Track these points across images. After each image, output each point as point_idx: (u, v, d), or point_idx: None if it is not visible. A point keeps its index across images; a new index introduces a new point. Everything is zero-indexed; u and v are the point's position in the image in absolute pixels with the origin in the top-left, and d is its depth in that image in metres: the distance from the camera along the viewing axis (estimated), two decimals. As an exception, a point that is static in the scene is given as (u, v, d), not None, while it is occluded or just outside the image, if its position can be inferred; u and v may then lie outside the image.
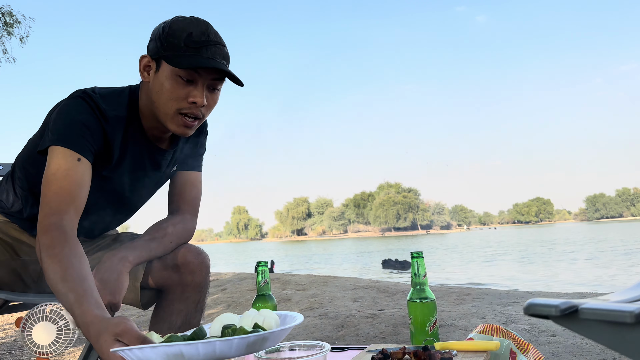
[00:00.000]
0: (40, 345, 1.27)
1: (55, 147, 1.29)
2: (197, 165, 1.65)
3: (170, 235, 1.52)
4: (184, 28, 1.31)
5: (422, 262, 1.44)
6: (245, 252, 52.78)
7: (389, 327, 3.04)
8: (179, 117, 1.35)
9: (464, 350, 1.26)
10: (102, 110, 1.38)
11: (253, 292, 5.11)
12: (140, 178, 1.53)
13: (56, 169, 1.26)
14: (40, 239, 1.19)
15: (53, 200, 1.24)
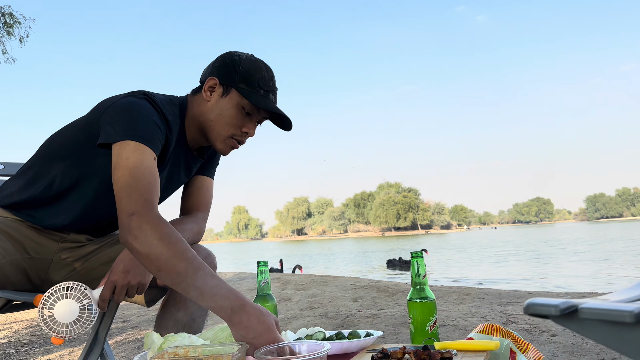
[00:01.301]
0: (61, 323, 1.26)
1: (131, 142, 1.29)
2: (212, 173, 1.75)
3: (187, 232, 1.56)
4: (258, 69, 1.48)
5: (422, 262, 1.44)
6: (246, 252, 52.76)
7: (388, 327, 3.04)
8: (230, 140, 1.50)
9: (463, 350, 1.26)
10: (165, 115, 1.43)
11: (253, 292, 5.11)
12: (174, 181, 1.61)
13: (139, 164, 1.26)
14: (152, 229, 1.18)
15: (147, 193, 1.23)
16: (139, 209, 1.21)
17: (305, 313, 3.77)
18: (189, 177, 1.66)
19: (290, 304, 4.25)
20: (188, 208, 1.67)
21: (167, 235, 1.19)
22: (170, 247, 1.18)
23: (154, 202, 1.24)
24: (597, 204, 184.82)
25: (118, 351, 3.26)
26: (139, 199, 1.22)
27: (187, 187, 1.70)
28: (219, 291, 1.17)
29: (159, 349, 1.29)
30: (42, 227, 1.54)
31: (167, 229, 1.21)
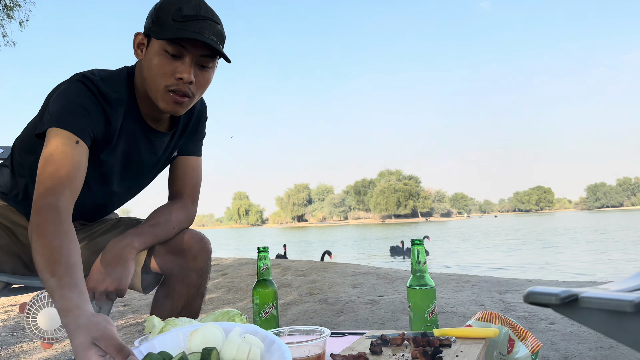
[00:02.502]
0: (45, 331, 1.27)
1: (53, 129, 1.27)
2: (197, 150, 1.65)
3: (173, 221, 1.52)
4: (174, 3, 1.30)
5: (423, 250, 1.44)
6: (246, 238, 52.94)
7: (388, 313, 3.06)
8: (168, 95, 1.34)
9: (462, 337, 1.27)
10: (104, 93, 1.36)
11: (253, 277, 5.13)
12: (136, 161, 1.51)
13: (53, 150, 1.23)
14: (32, 219, 1.15)
15: (49, 180, 1.20)
16: (35, 199, 1.18)
17: (305, 299, 3.79)
18: (156, 155, 1.54)
19: (290, 289, 4.27)
20: (175, 192, 1.61)
21: (41, 225, 1.11)
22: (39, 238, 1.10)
23: (54, 190, 1.19)
24: (597, 193, 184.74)
25: (119, 334, 3.28)
26: (39, 187, 1.19)
27: (171, 170, 1.63)
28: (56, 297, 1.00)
29: (160, 332, 1.30)
30: (28, 215, 1.55)
31: (45, 220, 1.12)
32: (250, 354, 0.91)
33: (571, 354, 2.03)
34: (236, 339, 0.94)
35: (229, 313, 1.46)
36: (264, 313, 1.56)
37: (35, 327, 1.30)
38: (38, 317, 1.30)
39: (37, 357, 2.77)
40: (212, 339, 0.96)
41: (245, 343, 0.92)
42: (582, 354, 2.02)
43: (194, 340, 0.97)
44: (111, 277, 1.33)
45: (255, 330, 1.01)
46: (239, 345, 0.92)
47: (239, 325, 1.02)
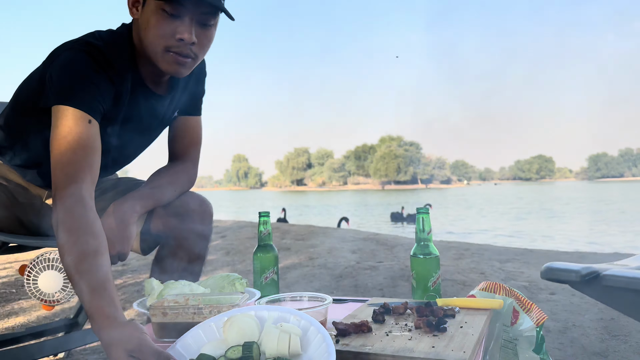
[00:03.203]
0: (46, 293, 1.26)
1: (62, 107, 1.19)
2: (197, 110, 1.59)
3: (175, 184, 1.49)
4: None
5: (428, 218, 1.41)
6: (245, 201, 53.13)
7: (387, 280, 3.06)
8: (169, 55, 1.26)
9: (466, 307, 1.25)
10: (112, 62, 1.29)
11: (252, 240, 5.15)
12: (137, 127, 1.46)
13: (67, 132, 1.17)
14: (58, 211, 1.10)
15: (68, 167, 1.15)
16: (56, 186, 1.14)
17: (305, 263, 3.80)
18: (158, 118, 1.48)
19: (289, 253, 4.28)
20: (175, 154, 1.56)
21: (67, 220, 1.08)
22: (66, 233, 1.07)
23: (77, 177, 1.14)
24: (599, 163, 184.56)
25: (118, 294, 3.30)
26: (60, 174, 1.15)
27: (171, 131, 1.57)
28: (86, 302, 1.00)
29: (159, 295, 1.28)
30: (22, 175, 1.51)
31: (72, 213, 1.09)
32: (291, 344, 0.89)
33: (571, 325, 2.03)
34: (274, 329, 0.92)
35: (229, 277, 1.44)
36: (265, 278, 1.54)
37: (37, 290, 1.28)
38: (39, 279, 1.28)
39: (37, 314, 2.78)
40: (247, 330, 0.94)
41: (283, 333, 0.91)
42: (582, 325, 2.02)
43: (229, 332, 0.95)
44: (112, 240, 1.31)
45: (287, 314, 0.99)
46: (279, 336, 0.90)
47: (269, 308, 1.01)
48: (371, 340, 1.03)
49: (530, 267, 3.22)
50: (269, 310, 1.01)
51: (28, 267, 1.25)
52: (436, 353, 0.93)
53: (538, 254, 3.72)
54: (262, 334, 0.94)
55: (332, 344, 0.88)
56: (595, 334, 1.94)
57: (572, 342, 1.90)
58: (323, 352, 0.88)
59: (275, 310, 1.01)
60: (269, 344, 0.90)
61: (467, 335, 1.04)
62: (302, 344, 0.92)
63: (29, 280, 1.25)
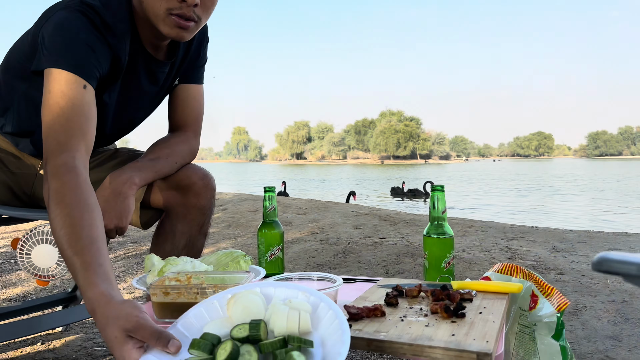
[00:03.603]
0: (40, 268, 1.20)
1: (55, 71, 1.11)
2: (199, 78, 1.51)
3: (175, 155, 1.42)
4: None
5: (443, 197, 1.34)
6: (246, 173, 53.05)
7: (391, 256, 3.01)
8: (170, 18, 1.19)
9: (483, 291, 1.19)
10: (109, 25, 1.20)
11: (253, 214, 5.09)
12: (135, 94, 1.38)
13: (59, 97, 1.10)
14: (50, 181, 1.03)
15: (61, 134, 1.08)
16: (48, 154, 1.06)
17: (307, 238, 3.75)
18: (157, 85, 1.41)
19: (291, 227, 4.23)
20: (176, 124, 1.50)
21: (57, 192, 1.01)
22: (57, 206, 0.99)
23: (68, 144, 1.07)
24: (598, 141, 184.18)
25: (117, 266, 3.26)
26: (52, 141, 1.07)
27: (172, 100, 1.50)
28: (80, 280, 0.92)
29: (159, 272, 1.22)
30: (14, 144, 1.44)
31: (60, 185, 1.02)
32: (301, 322, 0.82)
33: (582, 306, 1.98)
34: (282, 306, 0.85)
35: (232, 254, 1.38)
36: (270, 255, 1.48)
37: (30, 265, 1.22)
38: (32, 253, 1.22)
39: (35, 286, 2.74)
40: (253, 308, 0.87)
41: (293, 310, 0.84)
42: (594, 307, 1.97)
43: (234, 311, 0.87)
44: (110, 214, 1.24)
45: (295, 291, 0.92)
46: (288, 313, 0.83)
47: (275, 285, 0.94)
48: (385, 326, 0.97)
49: (536, 245, 3.17)
50: (274, 287, 0.95)
51: (21, 240, 1.19)
52: (457, 342, 0.87)
53: (544, 232, 3.66)
54: (269, 311, 0.86)
55: (345, 321, 0.82)
56: (608, 316, 1.89)
57: (584, 325, 1.85)
58: (336, 329, 0.82)
59: (282, 287, 0.95)
60: (277, 321, 0.83)
61: (487, 322, 0.97)
62: (312, 321, 0.85)
63: (22, 254, 1.19)
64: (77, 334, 1.98)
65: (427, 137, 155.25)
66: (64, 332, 2.00)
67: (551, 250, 3.02)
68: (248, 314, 0.87)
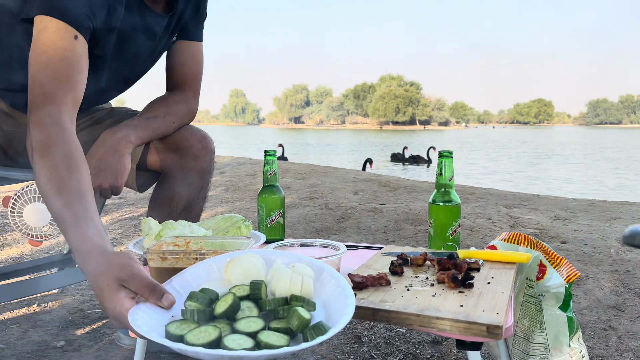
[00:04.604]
0: (32, 227, 1.16)
1: (45, 18, 1.06)
2: (198, 35, 1.45)
3: (173, 115, 1.37)
4: None
5: (451, 163, 1.30)
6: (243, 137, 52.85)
7: (390, 222, 2.99)
8: None
9: (490, 261, 1.16)
10: None
11: (252, 178, 5.05)
12: (132, 48, 1.31)
13: (48, 46, 1.05)
14: (33, 133, 0.99)
15: (48, 86, 1.03)
16: (33, 105, 1.02)
17: (305, 202, 3.72)
18: (154, 40, 1.34)
19: (289, 192, 4.19)
20: (174, 83, 1.44)
21: (43, 143, 0.98)
22: (42, 158, 0.96)
23: (55, 97, 1.03)
24: (597, 109, 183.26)
25: (114, 228, 3.23)
26: (37, 93, 1.03)
27: (170, 57, 1.44)
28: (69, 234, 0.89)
29: (157, 237, 1.18)
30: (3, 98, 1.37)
31: (45, 136, 0.99)
32: (304, 286, 0.79)
33: (584, 276, 1.97)
34: (285, 269, 0.82)
35: (232, 218, 1.34)
36: (270, 221, 1.45)
37: (22, 224, 1.18)
38: (24, 212, 1.17)
39: (31, 247, 2.71)
40: (253, 270, 0.84)
41: (296, 274, 0.81)
42: (596, 277, 1.95)
43: (232, 272, 0.84)
44: (105, 172, 1.20)
45: (296, 259, 0.89)
46: (291, 277, 0.80)
47: (277, 253, 0.92)
48: (391, 296, 0.94)
49: (538, 213, 3.15)
50: (275, 254, 0.92)
51: (12, 198, 1.14)
52: (466, 314, 0.84)
53: (545, 200, 3.63)
54: (270, 274, 0.84)
55: (349, 287, 0.79)
56: (610, 286, 1.87)
57: (586, 294, 1.83)
58: (339, 295, 0.79)
59: (284, 255, 0.91)
60: (279, 283, 0.80)
61: (496, 294, 0.94)
62: (315, 288, 0.82)
63: (14, 212, 1.15)
64: (73, 296, 1.96)
65: (427, 103, 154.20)
66: (60, 294, 1.98)
67: (553, 218, 2.99)
68: (248, 276, 0.84)
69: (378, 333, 1.62)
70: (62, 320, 1.74)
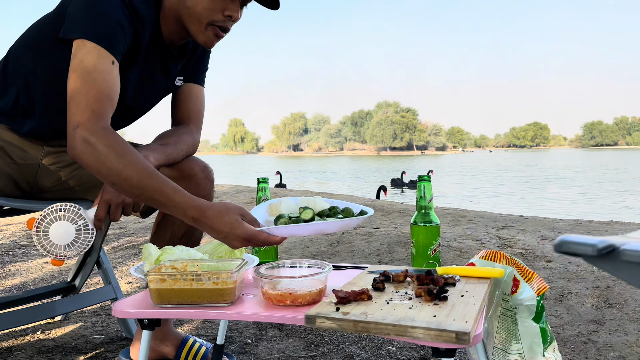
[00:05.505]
0: (57, 245, 1.22)
1: (88, 43, 1.18)
2: (201, 80, 1.62)
3: (182, 143, 1.49)
4: None
5: (429, 186, 1.39)
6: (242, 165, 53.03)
7: (384, 246, 3.07)
8: (212, 28, 1.33)
9: (466, 276, 1.24)
10: (135, 7, 1.29)
11: (249, 205, 5.14)
12: (149, 85, 1.47)
13: (92, 68, 1.16)
14: (100, 139, 1.12)
15: (95, 104, 1.15)
16: (84, 121, 1.13)
17: (301, 228, 3.79)
18: (168, 80, 1.51)
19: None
20: (179, 119, 1.57)
21: (114, 147, 1.12)
22: (120, 159, 1.11)
23: (102, 113, 1.15)
24: (593, 131, 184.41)
25: (115, 257, 3.30)
26: (85, 109, 1.14)
27: (175, 97, 1.58)
28: (177, 201, 1.13)
29: (156, 261, 1.26)
30: (23, 134, 1.47)
31: (114, 140, 1.13)
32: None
33: (568, 292, 2.04)
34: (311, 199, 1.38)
35: (227, 243, 1.42)
36: (263, 244, 1.53)
37: (48, 242, 1.25)
38: (50, 230, 1.24)
39: (34, 277, 2.78)
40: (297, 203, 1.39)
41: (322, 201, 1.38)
42: (579, 293, 2.03)
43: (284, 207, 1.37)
44: None
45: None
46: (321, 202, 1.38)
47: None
48: (372, 309, 1.02)
49: (527, 234, 3.23)
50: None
51: (37, 219, 1.23)
52: (438, 322, 0.92)
53: (534, 222, 3.72)
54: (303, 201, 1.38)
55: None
56: (592, 301, 1.95)
57: (568, 310, 1.91)
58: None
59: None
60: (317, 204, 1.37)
61: (468, 305, 1.03)
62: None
63: (39, 232, 1.22)
64: (75, 323, 2.03)
65: (424, 129, 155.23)
66: (64, 321, 2.04)
67: (540, 238, 3.08)
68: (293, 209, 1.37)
69: (370, 352, 1.69)
70: (66, 346, 1.80)
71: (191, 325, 1.96)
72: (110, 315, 2.10)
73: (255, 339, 1.82)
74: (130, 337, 1.85)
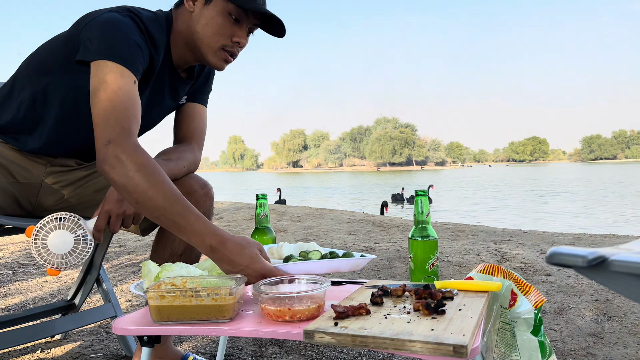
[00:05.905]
0: (55, 254, 1.22)
1: (110, 63, 1.22)
2: (205, 100, 1.67)
3: (184, 160, 1.52)
4: None
5: (426, 201, 1.40)
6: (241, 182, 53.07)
7: (383, 261, 3.07)
8: (221, 52, 1.39)
9: (464, 290, 1.25)
10: (151, 33, 1.35)
11: (249, 222, 5.14)
12: (158, 105, 1.52)
13: (117, 87, 1.19)
14: (130, 157, 1.13)
15: (124, 121, 1.17)
16: (116, 137, 1.15)
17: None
18: (175, 101, 1.56)
19: (286, 235, 4.28)
20: (182, 137, 1.61)
21: (144, 165, 1.14)
22: (148, 178, 1.13)
23: (132, 130, 1.18)
24: (592, 145, 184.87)
25: (114, 275, 3.30)
26: (115, 126, 1.16)
27: (179, 116, 1.62)
28: (198, 228, 1.13)
29: (156, 278, 1.27)
30: (26, 152, 1.49)
31: (145, 159, 1.15)
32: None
33: (567, 306, 2.04)
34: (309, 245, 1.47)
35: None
36: (262, 260, 1.54)
37: (46, 251, 1.25)
38: (48, 239, 1.25)
39: (33, 295, 2.78)
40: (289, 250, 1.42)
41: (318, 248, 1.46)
42: (577, 306, 2.03)
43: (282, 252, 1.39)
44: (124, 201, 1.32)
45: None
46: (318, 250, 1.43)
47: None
48: (370, 323, 1.03)
49: (526, 248, 3.24)
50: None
51: (36, 228, 1.23)
52: (435, 336, 0.93)
53: (533, 235, 3.73)
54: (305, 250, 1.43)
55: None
56: (591, 315, 1.95)
57: (568, 323, 1.91)
58: None
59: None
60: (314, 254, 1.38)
61: (466, 318, 1.03)
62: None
63: (37, 240, 1.22)
64: (75, 341, 2.03)
65: (423, 144, 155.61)
66: (63, 340, 2.04)
67: (539, 252, 3.08)
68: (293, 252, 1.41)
69: (369, 367, 1.69)
70: (65, 364, 1.80)
71: (191, 344, 1.96)
72: (110, 333, 2.09)
73: (255, 356, 1.82)
74: (130, 355, 1.85)
